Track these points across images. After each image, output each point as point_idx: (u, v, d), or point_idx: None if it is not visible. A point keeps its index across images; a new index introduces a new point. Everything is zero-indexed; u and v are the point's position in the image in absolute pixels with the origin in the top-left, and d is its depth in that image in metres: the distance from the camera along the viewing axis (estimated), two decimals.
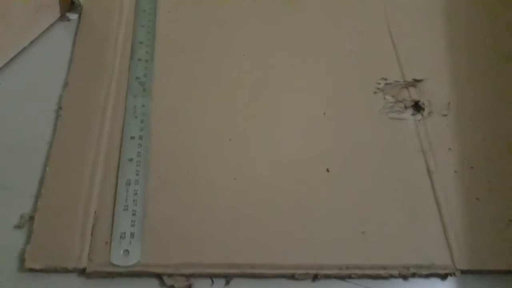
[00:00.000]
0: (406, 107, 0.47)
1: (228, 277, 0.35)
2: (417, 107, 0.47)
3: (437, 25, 0.55)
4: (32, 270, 0.33)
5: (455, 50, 0.52)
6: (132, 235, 0.34)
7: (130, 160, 0.38)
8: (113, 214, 0.35)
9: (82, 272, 0.33)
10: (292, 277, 0.36)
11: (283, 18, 0.51)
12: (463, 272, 0.37)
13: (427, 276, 0.37)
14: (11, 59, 0.41)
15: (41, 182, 0.36)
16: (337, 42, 0.50)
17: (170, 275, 0.34)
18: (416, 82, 0.49)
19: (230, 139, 0.41)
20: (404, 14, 0.55)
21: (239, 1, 0.51)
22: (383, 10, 0.54)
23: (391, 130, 0.45)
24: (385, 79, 0.48)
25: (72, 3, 0.45)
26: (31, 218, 0.34)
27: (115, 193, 0.36)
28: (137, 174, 0.37)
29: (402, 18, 0.54)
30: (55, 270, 0.33)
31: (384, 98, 0.47)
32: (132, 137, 0.39)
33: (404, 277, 0.37)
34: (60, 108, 0.39)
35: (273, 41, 0.49)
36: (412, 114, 0.47)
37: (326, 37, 0.50)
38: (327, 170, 0.41)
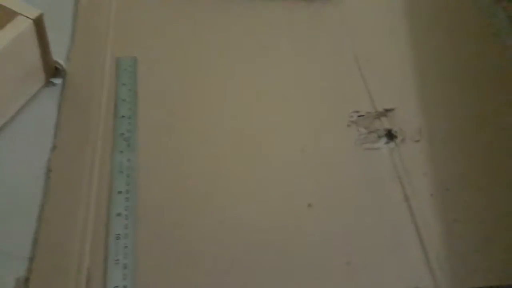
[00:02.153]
0: (379, 137, 0.49)
1: None
2: (390, 135, 0.49)
3: (404, 56, 0.58)
4: None
5: (422, 78, 0.55)
6: None
7: (119, 214, 0.40)
8: (105, 269, 0.37)
9: None
10: None
11: (257, 60, 0.54)
12: None
13: None
14: (3, 124, 0.43)
15: (35, 243, 0.37)
16: (310, 79, 0.53)
17: None
18: (387, 111, 0.51)
19: (214, 184, 0.43)
20: (372, 48, 0.58)
21: (214, 51, 0.54)
22: (351, 46, 0.57)
23: (367, 161, 0.47)
24: (357, 112, 0.51)
25: (56, 68, 0.47)
26: (27, 280, 0.36)
27: (106, 248, 0.38)
28: (126, 228, 0.39)
29: (370, 53, 0.57)
30: None
31: (358, 130, 0.49)
32: (120, 192, 0.41)
33: None
34: (49, 170, 0.41)
35: (250, 83, 0.51)
36: (386, 143, 0.49)
37: (299, 75, 0.53)
38: (309, 205, 0.43)
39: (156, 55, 0.52)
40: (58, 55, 0.48)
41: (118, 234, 0.38)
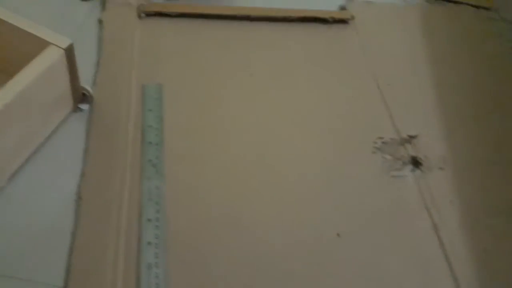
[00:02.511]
0: (404, 164, 0.49)
1: None
2: (415, 163, 0.49)
3: (424, 81, 0.58)
4: None
5: (444, 104, 0.56)
6: None
7: (149, 243, 0.39)
8: None
9: None
10: None
11: (279, 85, 0.54)
12: None
13: None
14: (34, 150, 0.44)
15: (67, 272, 0.37)
16: (332, 104, 0.54)
17: None
18: (411, 138, 0.52)
19: (241, 212, 0.43)
20: (392, 72, 0.58)
21: (238, 77, 0.54)
22: (371, 71, 0.58)
23: (394, 188, 0.47)
24: (381, 138, 0.51)
25: (83, 94, 0.48)
26: None
27: (138, 278, 0.38)
28: (156, 257, 0.39)
29: (390, 77, 0.58)
30: None
31: (383, 157, 0.49)
32: (149, 220, 0.41)
33: None
34: (79, 198, 0.41)
35: (273, 108, 0.52)
36: (411, 171, 0.49)
37: (320, 99, 0.54)
38: (338, 235, 0.43)
39: (181, 81, 0.52)
40: (85, 81, 0.48)
41: (149, 263, 0.38)
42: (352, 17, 0.63)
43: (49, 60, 0.40)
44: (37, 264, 0.38)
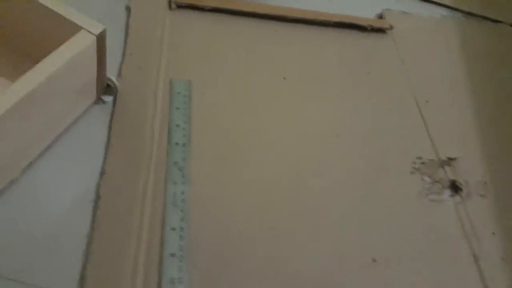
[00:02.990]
0: (443, 188, 0.46)
1: None
2: (454, 187, 0.46)
3: (463, 99, 0.55)
4: None
5: (484, 125, 0.53)
6: None
7: (173, 255, 0.36)
8: None
9: None
10: None
11: (312, 96, 0.51)
12: None
13: None
14: (51, 142, 0.40)
15: (81, 280, 0.34)
16: (367, 116, 0.50)
17: None
18: (450, 160, 0.49)
19: (272, 228, 0.40)
20: (430, 88, 0.55)
21: (270, 80, 0.51)
22: (409, 84, 0.55)
23: (433, 214, 0.44)
24: (420, 158, 0.48)
25: (108, 86, 0.44)
26: None
27: None
28: (180, 271, 0.35)
29: (429, 93, 0.55)
30: None
31: (422, 178, 0.46)
32: (173, 229, 0.38)
33: None
34: (98, 198, 0.38)
35: (305, 121, 0.48)
36: (451, 196, 0.46)
37: (355, 110, 0.51)
38: (374, 260, 0.39)
39: (211, 79, 0.49)
40: (109, 72, 0.45)
41: (172, 278, 0.35)
42: (391, 27, 0.60)
43: (79, 46, 0.36)
44: (47, 269, 0.34)
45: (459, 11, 0.69)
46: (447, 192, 0.46)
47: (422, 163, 0.48)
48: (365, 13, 0.62)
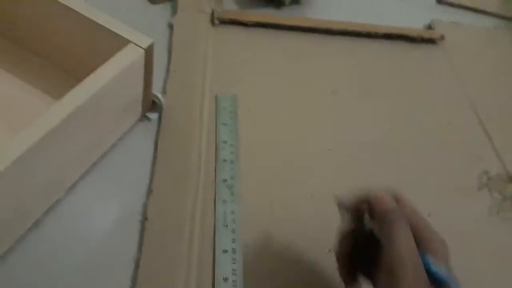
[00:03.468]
0: None
1: None
2: None
3: None
4: None
5: None
6: None
7: (225, 279, 0.33)
8: None
9: None
10: None
11: (363, 111, 0.48)
12: None
13: None
14: (97, 160, 0.39)
15: None
16: (427, 134, 0.47)
17: None
18: None
19: (328, 250, 0.37)
20: (490, 101, 0.52)
21: (318, 94, 0.49)
22: (467, 97, 0.51)
23: (504, 232, 0.40)
24: (487, 173, 0.44)
25: (153, 102, 0.43)
26: None
27: None
28: None
29: (488, 106, 0.51)
30: None
31: (491, 195, 0.42)
32: (225, 251, 0.35)
33: None
34: (145, 218, 0.36)
35: (359, 136, 0.45)
36: None
37: (413, 130, 0.47)
38: None
39: (257, 94, 0.47)
40: (154, 88, 0.43)
41: None
42: (442, 37, 0.57)
43: (128, 59, 0.35)
44: None
45: None
46: None
47: (490, 178, 0.44)
48: (412, 23, 0.60)
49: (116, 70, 0.34)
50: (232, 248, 0.35)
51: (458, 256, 0.37)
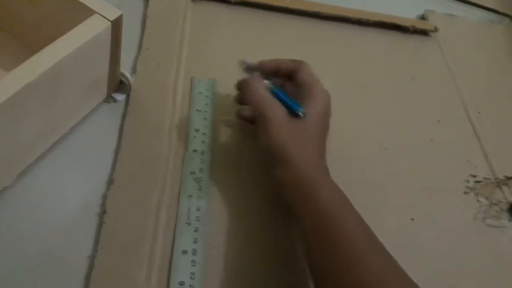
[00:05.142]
0: (502, 211, 0.40)
1: None
2: None
3: None
4: None
5: None
6: None
7: (181, 283, 0.30)
8: None
9: None
10: None
11: (351, 103, 0.45)
12: None
13: None
14: (52, 144, 0.35)
15: None
16: (413, 126, 0.45)
17: None
18: (508, 180, 0.42)
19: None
20: (481, 98, 0.49)
21: None
22: (458, 93, 0.49)
23: (490, 241, 0.38)
24: (474, 176, 0.42)
25: (121, 82, 0.39)
26: None
27: None
28: None
29: (480, 103, 0.49)
30: None
31: (478, 200, 0.40)
32: (184, 252, 0.32)
33: None
34: (104, 212, 0.32)
35: (342, 130, 0.42)
36: (510, 221, 0.40)
37: (400, 123, 0.45)
38: None
39: (236, 79, 0.43)
40: (123, 67, 0.39)
41: None
42: (436, 29, 0.54)
43: (91, 32, 0.31)
44: None
45: (507, 16, 0.63)
46: (506, 216, 0.40)
47: (477, 181, 0.41)
48: (406, 13, 0.56)
49: (77, 43, 0.30)
50: (193, 249, 0.32)
51: (440, 266, 0.35)
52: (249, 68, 0.36)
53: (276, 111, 0.32)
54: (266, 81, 0.35)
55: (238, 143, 0.39)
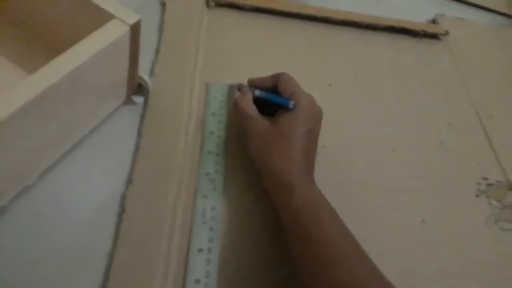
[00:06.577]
0: None
1: None
2: None
3: None
4: None
5: None
6: None
7: (197, 281, 0.31)
8: None
9: None
10: None
11: (360, 106, 0.46)
12: None
13: None
14: (73, 145, 0.36)
15: None
16: (426, 132, 0.45)
17: None
18: None
19: None
20: (492, 102, 0.50)
21: (315, 86, 0.46)
22: (469, 97, 0.49)
23: (503, 244, 0.38)
24: (486, 179, 0.42)
25: (140, 85, 0.40)
26: None
27: None
28: None
29: (491, 107, 0.49)
30: None
31: (490, 203, 0.40)
32: (200, 250, 0.32)
33: None
34: (123, 210, 0.33)
35: (352, 132, 0.43)
36: None
37: (411, 127, 0.45)
38: None
39: None
40: (141, 70, 0.40)
41: None
42: (447, 33, 0.55)
43: (111, 36, 0.32)
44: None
45: None
46: None
47: (489, 184, 0.42)
48: (415, 17, 0.57)
49: (97, 47, 0.31)
50: (208, 248, 0.33)
51: (452, 269, 0.36)
52: (242, 87, 0.38)
53: (254, 124, 0.35)
54: (256, 91, 0.37)
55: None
